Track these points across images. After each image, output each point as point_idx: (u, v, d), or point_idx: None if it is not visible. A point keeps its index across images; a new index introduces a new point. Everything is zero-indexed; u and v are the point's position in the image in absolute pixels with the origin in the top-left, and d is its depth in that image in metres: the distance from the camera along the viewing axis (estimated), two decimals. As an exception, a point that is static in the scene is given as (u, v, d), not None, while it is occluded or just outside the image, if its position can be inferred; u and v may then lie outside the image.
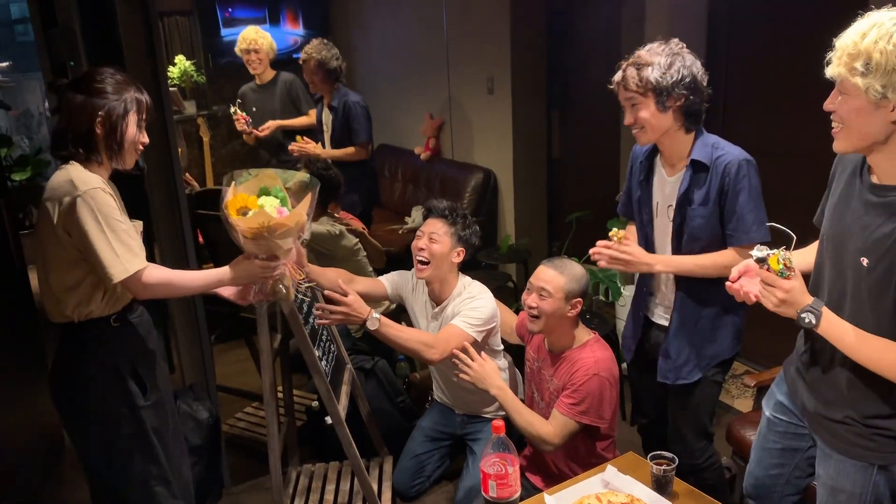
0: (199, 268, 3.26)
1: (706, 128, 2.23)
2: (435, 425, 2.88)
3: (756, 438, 2.03)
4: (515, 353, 2.88)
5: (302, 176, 2.21)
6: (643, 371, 2.49)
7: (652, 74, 2.08)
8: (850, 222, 1.61)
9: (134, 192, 2.27)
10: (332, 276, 2.61)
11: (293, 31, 6.32)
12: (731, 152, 2.14)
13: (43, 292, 2.05)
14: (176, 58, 6.06)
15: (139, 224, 2.13)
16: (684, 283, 2.27)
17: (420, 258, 2.59)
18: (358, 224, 3.67)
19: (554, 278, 2.34)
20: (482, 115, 5.06)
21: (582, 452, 2.44)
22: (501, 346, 2.77)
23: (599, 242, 2.23)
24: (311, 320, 2.55)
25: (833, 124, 1.57)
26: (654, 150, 2.30)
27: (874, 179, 1.58)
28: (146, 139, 2.09)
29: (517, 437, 2.72)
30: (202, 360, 3.00)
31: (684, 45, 2.17)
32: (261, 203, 2.04)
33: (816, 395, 1.77)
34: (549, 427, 2.34)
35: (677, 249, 2.26)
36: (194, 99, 6.20)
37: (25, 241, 3.16)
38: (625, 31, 4.02)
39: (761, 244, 1.60)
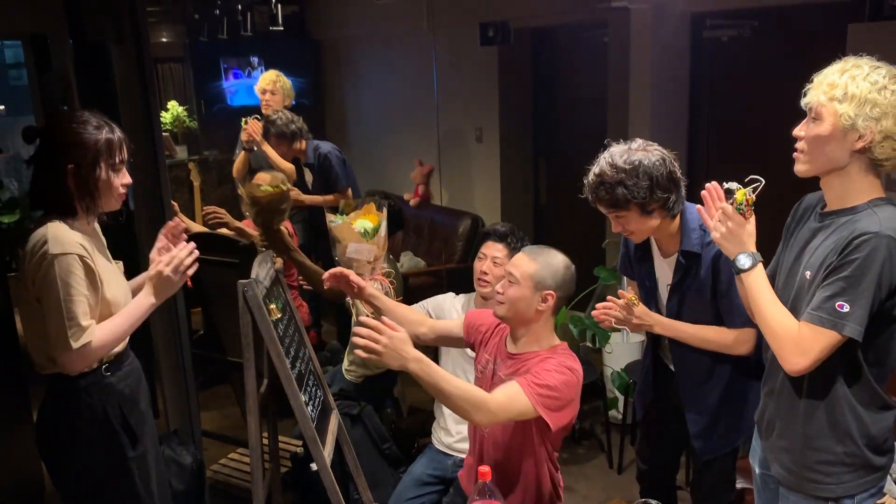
0: (188, 312, 3.25)
1: (691, 187, 2.17)
2: (426, 469, 2.85)
3: (756, 499, 2.00)
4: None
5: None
6: (658, 420, 2.49)
7: (625, 192, 2.03)
8: (798, 246, 1.82)
9: (120, 235, 2.24)
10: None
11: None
12: None
13: (29, 342, 2.00)
14: (168, 103, 6.13)
15: (120, 264, 2.13)
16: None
17: (484, 279, 2.67)
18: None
19: (523, 264, 2.03)
20: (471, 163, 5.13)
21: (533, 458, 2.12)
22: None
23: (600, 305, 2.20)
24: (297, 364, 2.54)
25: (798, 149, 1.72)
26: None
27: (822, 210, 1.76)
28: (128, 179, 2.01)
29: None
30: (187, 405, 2.97)
31: (646, 143, 2.10)
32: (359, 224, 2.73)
33: (772, 427, 1.83)
34: (492, 395, 1.90)
35: None
36: (186, 144, 6.26)
37: (11, 284, 3.14)
38: (610, 81, 4.11)
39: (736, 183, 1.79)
